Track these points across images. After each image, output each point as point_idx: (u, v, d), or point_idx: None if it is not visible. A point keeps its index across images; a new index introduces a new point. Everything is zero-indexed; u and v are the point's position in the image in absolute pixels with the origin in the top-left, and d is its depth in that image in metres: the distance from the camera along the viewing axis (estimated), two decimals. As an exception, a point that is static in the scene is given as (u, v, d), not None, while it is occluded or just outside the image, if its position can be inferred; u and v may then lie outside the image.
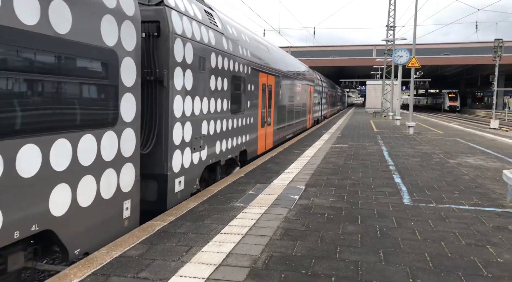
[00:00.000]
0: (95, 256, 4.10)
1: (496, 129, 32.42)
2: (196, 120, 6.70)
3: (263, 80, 11.07)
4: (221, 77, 7.75)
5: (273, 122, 12.74)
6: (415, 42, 21.58)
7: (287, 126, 15.49)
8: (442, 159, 11.16)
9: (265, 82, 11.33)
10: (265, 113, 11.58)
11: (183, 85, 6.22)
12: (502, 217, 5.72)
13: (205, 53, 6.96)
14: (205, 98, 7.07)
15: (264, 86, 11.27)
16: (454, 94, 73.91)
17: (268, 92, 11.71)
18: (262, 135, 11.48)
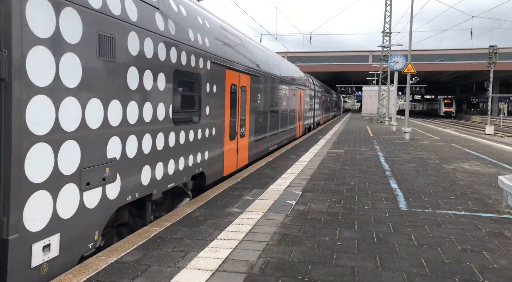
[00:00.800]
0: (90, 262, 4.06)
1: (491, 135, 32.64)
2: (92, 137, 4.25)
3: (232, 80, 8.74)
4: (153, 71, 5.36)
5: (248, 132, 10.33)
6: (411, 48, 21.74)
7: (269, 136, 13.10)
8: (438, 165, 11.20)
9: (236, 83, 9.04)
10: (236, 122, 9.22)
11: (56, 78, 3.74)
12: (498, 223, 5.74)
13: (115, 31, 4.54)
14: (115, 101, 4.59)
15: (235, 87, 8.96)
16: (449, 100, 74.43)
17: (240, 96, 9.43)
18: (232, 150, 8.97)
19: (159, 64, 5.56)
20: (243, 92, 9.71)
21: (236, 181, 8.28)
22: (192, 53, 6.62)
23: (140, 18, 5.07)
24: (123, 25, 4.71)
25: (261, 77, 11.46)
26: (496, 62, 38.41)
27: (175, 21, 6.08)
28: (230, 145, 8.87)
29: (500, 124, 45.33)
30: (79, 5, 3.96)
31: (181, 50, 6.21)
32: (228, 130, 8.63)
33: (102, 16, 4.34)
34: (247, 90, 9.99)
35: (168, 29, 5.80)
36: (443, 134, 23.56)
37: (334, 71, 61.19)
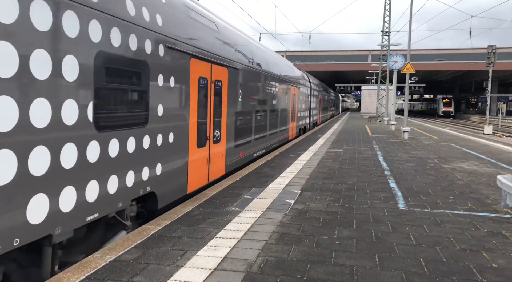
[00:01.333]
0: (89, 260, 4.06)
1: (489, 134, 32.69)
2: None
3: (201, 72, 7.05)
4: (49, 50, 3.66)
5: (225, 136, 8.62)
6: (410, 48, 21.75)
7: (255, 140, 11.32)
8: (437, 164, 11.22)
9: (207, 76, 7.37)
10: (208, 124, 7.53)
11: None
12: (496, 222, 5.76)
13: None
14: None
15: (205, 82, 7.27)
16: (448, 100, 74.53)
17: (214, 92, 7.74)
18: (200, 160, 7.25)
19: (65, 41, 3.84)
20: (218, 87, 7.99)
21: (235, 180, 8.28)
22: (132, 31, 4.92)
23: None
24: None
25: (244, 71, 9.76)
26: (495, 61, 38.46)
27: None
28: (198, 153, 7.13)
29: (499, 124, 45.42)
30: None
31: (111, 26, 4.54)
32: (194, 135, 6.88)
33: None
34: (223, 86, 8.27)
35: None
36: (441, 134, 23.60)
37: (333, 70, 61.20)
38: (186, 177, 6.71)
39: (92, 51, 4.26)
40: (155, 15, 5.57)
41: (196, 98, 6.92)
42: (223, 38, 8.59)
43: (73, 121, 3.98)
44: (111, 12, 4.55)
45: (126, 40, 4.83)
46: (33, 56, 3.46)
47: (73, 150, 4.00)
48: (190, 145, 6.76)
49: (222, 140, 8.40)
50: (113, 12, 4.58)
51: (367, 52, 71.79)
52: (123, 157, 4.87)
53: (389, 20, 34.53)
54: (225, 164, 8.72)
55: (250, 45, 11.07)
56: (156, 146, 5.66)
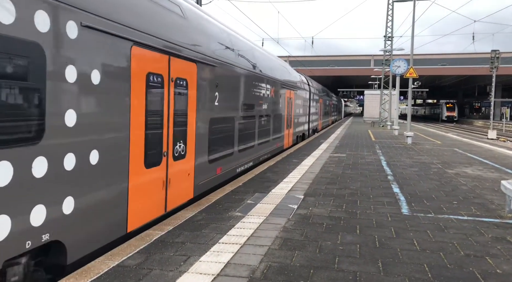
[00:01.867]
0: (92, 266, 4.06)
1: (493, 139, 32.55)
2: None
3: (151, 66, 5.38)
4: None
5: (193, 150, 6.77)
6: (413, 53, 21.77)
7: (238, 152, 9.32)
8: (440, 169, 11.17)
9: (163, 72, 5.66)
10: (164, 135, 5.77)
11: None
12: (501, 228, 5.72)
13: None
14: None
15: (159, 79, 5.57)
16: (451, 104, 74.35)
17: (173, 93, 5.99)
18: (152, 184, 5.50)
19: None
20: (181, 88, 6.20)
21: (238, 185, 8.28)
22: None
23: None
24: None
25: (223, 69, 7.95)
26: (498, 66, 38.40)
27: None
28: (147, 175, 5.32)
29: (503, 129, 45.22)
30: None
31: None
32: (139, 150, 5.09)
33: None
34: (190, 86, 6.48)
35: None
36: (445, 139, 23.51)
37: (336, 75, 61.25)
38: (125, 211, 4.83)
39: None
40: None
41: (143, 101, 5.11)
42: (191, 25, 6.70)
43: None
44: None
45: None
46: None
47: None
48: (131, 165, 4.93)
49: (188, 154, 6.51)
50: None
51: (369, 57, 71.86)
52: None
53: (391, 25, 34.60)
54: (193, 186, 6.77)
55: (231, 38, 9.01)
56: (62, 172, 3.83)
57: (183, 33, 6.34)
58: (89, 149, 4.23)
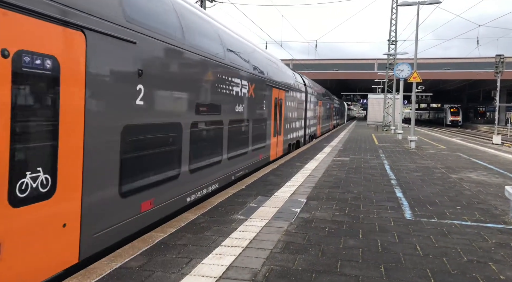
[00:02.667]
0: (94, 267, 4.08)
1: (498, 144, 32.38)
2: None
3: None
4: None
5: (78, 180, 4.01)
6: (417, 57, 21.74)
7: (189, 172, 6.60)
8: (444, 174, 11.13)
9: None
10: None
11: None
12: (505, 234, 5.69)
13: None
14: None
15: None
16: (456, 109, 74.07)
17: (16, 84, 3.25)
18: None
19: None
20: (40, 75, 3.51)
21: (240, 188, 8.29)
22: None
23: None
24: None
25: (157, 50, 5.37)
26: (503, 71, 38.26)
27: None
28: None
29: (508, 134, 44.97)
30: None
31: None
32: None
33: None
34: (65, 70, 3.76)
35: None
36: (449, 143, 23.42)
37: (339, 79, 61.24)
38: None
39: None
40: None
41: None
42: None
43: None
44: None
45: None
46: None
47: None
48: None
49: (60, 189, 3.77)
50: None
51: (373, 61, 71.82)
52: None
53: (395, 29, 34.59)
54: (78, 242, 4.04)
55: (189, 15, 6.87)
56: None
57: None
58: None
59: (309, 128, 21.49)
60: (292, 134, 16.35)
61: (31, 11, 3.30)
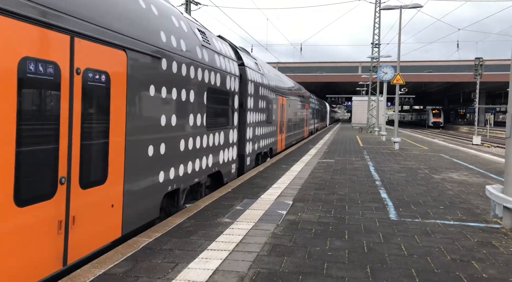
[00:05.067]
0: (77, 274, 3.99)
1: (478, 145, 33.16)
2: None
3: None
4: None
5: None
6: (400, 59, 22.11)
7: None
8: (427, 175, 11.32)
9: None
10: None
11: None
12: (486, 232, 5.80)
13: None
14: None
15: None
16: (438, 111, 75.59)
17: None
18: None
19: None
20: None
21: (227, 191, 8.25)
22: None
23: None
24: None
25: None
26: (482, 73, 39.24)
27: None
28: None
29: (487, 135, 46.11)
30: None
31: None
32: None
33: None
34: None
35: None
36: (431, 144, 23.86)
37: (324, 82, 61.78)
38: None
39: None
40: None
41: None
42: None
43: None
44: None
45: None
46: None
47: None
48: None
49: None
50: None
51: (357, 64, 72.73)
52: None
53: (378, 32, 35.13)
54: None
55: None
56: None
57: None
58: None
59: (255, 142, 11.90)
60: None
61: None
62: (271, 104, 14.20)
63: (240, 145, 10.60)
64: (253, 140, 11.66)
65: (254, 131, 11.79)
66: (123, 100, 4.93)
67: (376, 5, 34.65)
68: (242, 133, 10.65)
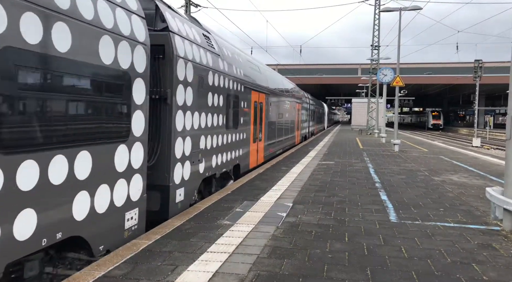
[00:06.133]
0: (77, 277, 3.97)
1: (478, 147, 33.17)
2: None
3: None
4: None
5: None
6: (399, 61, 22.14)
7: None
8: (427, 177, 11.31)
9: None
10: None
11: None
12: (486, 235, 5.80)
13: None
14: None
15: None
16: (437, 113, 75.67)
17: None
18: None
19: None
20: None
21: (226, 193, 8.24)
22: None
23: None
24: None
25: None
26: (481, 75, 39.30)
27: None
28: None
29: (487, 137, 46.12)
30: None
31: None
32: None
33: None
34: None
35: None
36: (431, 146, 23.86)
37: (324, 84, 61.84)
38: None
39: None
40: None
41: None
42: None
43: None
44: None
45: None
46: None
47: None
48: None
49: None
50: None
51: (357, 66, 72.78)
52: None
53: (378, 34, 35.19)
54: None
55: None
56: None
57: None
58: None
59: (194, 162, 7.46)
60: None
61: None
62: (237, 102, 9.92)
63: (158, 170, 6.35)
64: (192, 157, 7.16)
65: (196, 143, 7.35)
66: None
67: (376, 7, 34.73)
68: (164, 147, 6.36)
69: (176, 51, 6.44)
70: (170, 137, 6.40)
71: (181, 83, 6.66)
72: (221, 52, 9.00)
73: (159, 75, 6.34)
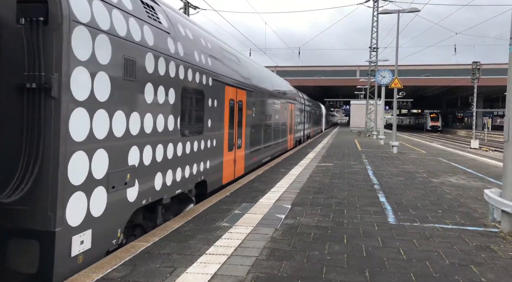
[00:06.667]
0: (75, 279, 3.96)
1: (476, 148, 33.24)
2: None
3: None
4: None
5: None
6: (397, 63, 22.20)
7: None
8: (426, 178, 11.33)
9: None
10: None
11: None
12: (485, 236, 5.81)
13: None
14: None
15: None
16: (435, 115, 75.85)
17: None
18: None
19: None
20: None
21: (225, 195, 8.24)
22: None
23: None
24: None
25: None
26: (480, 77, 39.44)
27: None
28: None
29: (485, 138, 46.22)
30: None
31: None
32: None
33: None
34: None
35: None
36: (429, 148, 23.90)
37: (322, 85, 61.95)
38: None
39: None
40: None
41: None
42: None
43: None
44: None
45: None
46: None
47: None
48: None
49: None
50: None
51: (355, 68, 72.94)
52: None
53: (376, 36, 35.30)
54: None
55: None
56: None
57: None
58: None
59: (116, 185, 4.94)
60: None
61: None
62: (201, 99, 7.68)
63: (34, 206, 3.92)
64: (111, 181, 4.76)
65: (121, 158, 4.98)
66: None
67: (374, 9, 34.84)
68: (44, 168, 3.92)
69: (71, 12, 4.01)
70: (57, 151, 3.92)
71: (82, 65, 4.22)
72: (172, 29, 6.55)
73: (38, 51, 3.90)
